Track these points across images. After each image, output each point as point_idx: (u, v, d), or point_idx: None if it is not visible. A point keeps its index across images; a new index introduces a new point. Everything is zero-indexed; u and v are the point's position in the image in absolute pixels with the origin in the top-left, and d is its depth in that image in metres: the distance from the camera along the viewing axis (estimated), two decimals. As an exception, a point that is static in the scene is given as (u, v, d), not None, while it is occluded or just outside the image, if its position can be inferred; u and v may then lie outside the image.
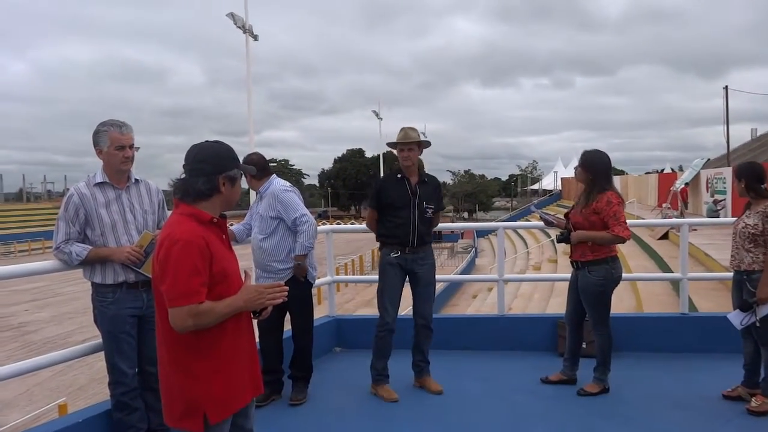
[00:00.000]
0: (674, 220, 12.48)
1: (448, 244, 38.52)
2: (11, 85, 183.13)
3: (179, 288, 2.02)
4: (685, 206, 21.73)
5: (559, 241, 4.22)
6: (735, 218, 4.11)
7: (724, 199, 19.01)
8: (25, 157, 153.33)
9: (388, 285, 4.26)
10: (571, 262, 4.26)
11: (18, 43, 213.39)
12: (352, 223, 48.98)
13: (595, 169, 4.08)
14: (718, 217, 16.48)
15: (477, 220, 72.38)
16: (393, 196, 4.21)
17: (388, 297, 4.25)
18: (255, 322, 2.40)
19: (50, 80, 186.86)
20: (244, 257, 3.40)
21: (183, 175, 2.18)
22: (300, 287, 4.06)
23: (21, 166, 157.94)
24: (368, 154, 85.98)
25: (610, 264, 4.08)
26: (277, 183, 4.12)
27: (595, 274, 4.06)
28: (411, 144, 4.17)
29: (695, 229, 14.05)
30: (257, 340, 3.05)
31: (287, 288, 2.19)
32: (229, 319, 2.13)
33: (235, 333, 2.19)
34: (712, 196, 20.49)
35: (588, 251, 4.07)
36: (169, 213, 2.63)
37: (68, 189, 3.60)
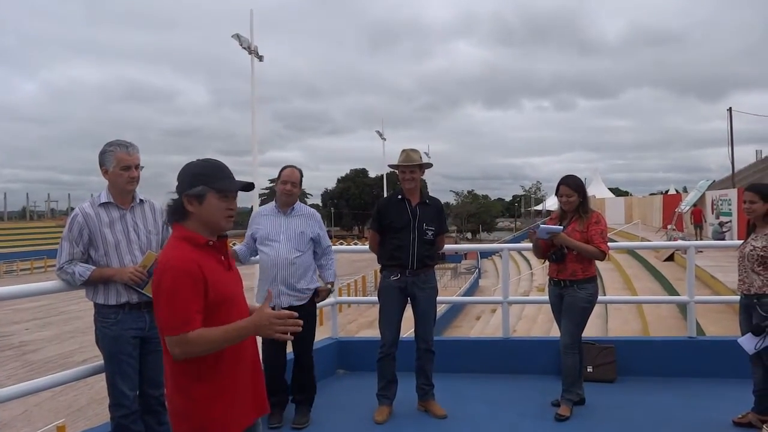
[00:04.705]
0: (680, 242, 12.42)
1: (451, 265, 38.38)
2: (21, 105, 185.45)
3: (167, 318, 1.99)
4: (699, 228, 21.52)
5: (555, 260, 4.21)
6: (741, 241, 4.08)
7: (730, 221, 18.94)
8: (30, 175, 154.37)
9: (387, 308, 4.23)
10: (557, 282, 4.26)
11: (29, 64, 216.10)
12: (355, 244, 48.89)
13: (584, 192, 4.30)
14: (723, 239, 16.42)
15: (480, 241, 72.18)
16: (393, 217, 4.20)
17: (386, 321, 4.22)
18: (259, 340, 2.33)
19: (58, 100, 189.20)
20: (248, 277, 3.36)
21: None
22: (308, 307, 4.05)
23: (25, 184, 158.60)
24: (372, 174, 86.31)
25: (595, 282, 4.27)
26: (305, 207, 4.24)
27: (585, 291, 4.18)
28: (413, 166, 4.17)
29: (701, 251, 13.97)
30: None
31: (301, 322, 2.09)
32: None
33: (235, 355, 2.13)
34: (718, 217, 20.43)
35: (579, 271, 4.17)
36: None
37: (72, 208, 3.61)
